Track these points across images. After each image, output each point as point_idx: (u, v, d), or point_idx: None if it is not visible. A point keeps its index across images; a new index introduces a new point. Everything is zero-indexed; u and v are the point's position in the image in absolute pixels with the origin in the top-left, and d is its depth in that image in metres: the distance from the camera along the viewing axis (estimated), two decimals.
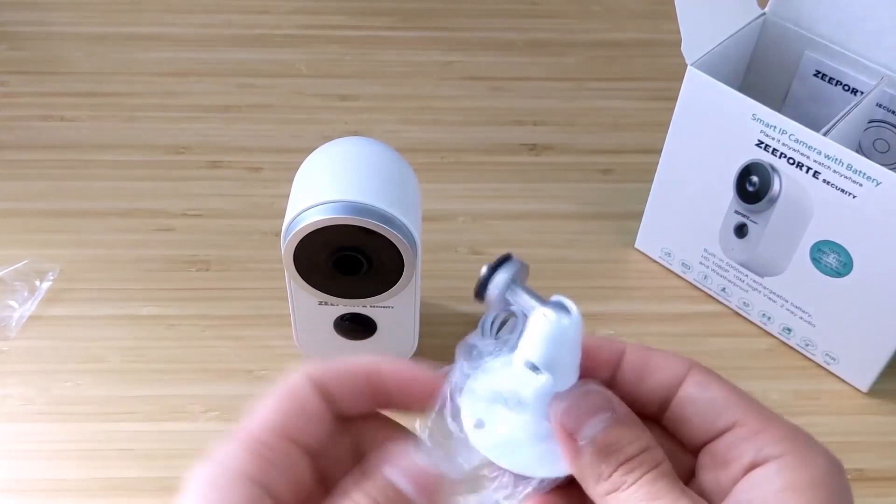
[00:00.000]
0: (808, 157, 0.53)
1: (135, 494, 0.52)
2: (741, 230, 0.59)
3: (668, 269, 0.66)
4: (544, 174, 0.73)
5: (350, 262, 0.49)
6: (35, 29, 0.84)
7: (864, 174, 0.51)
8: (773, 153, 0.54)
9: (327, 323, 0.54)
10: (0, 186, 0.69)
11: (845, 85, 0.60)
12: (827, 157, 0.52)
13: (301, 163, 0.52)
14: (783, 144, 0.54)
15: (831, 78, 0.61)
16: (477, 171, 0.73)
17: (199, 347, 0.59)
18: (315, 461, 0.29)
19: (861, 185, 0.51)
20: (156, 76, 0.79)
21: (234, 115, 0.76)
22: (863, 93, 0.59)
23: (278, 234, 0.49)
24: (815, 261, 0.56)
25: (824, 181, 0.53)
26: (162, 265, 0.64)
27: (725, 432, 0.28)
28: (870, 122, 0.60)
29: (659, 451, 0.27)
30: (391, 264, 0.49)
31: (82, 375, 0.58)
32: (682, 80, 0.57)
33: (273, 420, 0.28)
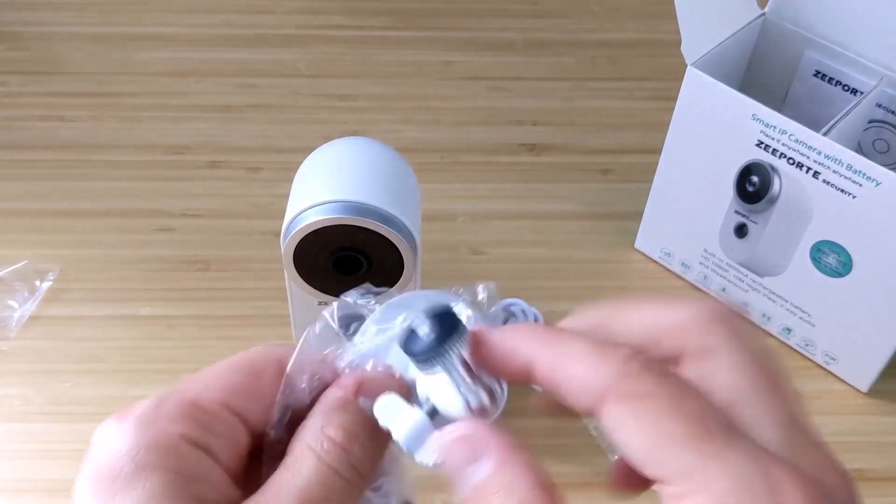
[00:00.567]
0: (808, 157, 0.53)
1: None
2: (741, 230, 0.59)
3: (668, 270, 0.66)
4: (544, 174, 0.73)
5: (350, 262, 0.49)
6: (35, 29, 0.84)
7: (864, 174, 0.51)
8: (773, 153, 0.54)
9: None
10: (0, 186, 0.69)
11: (845, 85, 0.60)
12: (827, 157, 0.52)
13: (301, 163, 0.52)
14: (783, 144, 0.54)
15: (831, 78, 0.61)
16: (477, 171, 0.73)
17: (199, 347, 0.59)
18: (257, 439, 0.28)
19: (861, 185, 0.51)
20: (156, 76, 0.79)
21: (233, 115, 0.76)
22: (863, 93, 0.59)
23: (278, 234, 0.49)
24: (815, 261, 0.56)
25: (824, 181, 0.53)
26: (162, 265, 0.64)
27: (655, 482, 0.23)
28: (870, 122, 0.60)
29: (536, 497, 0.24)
30: (391, 264, 0.49)
31: (82, 375, 0.58)
32: (682, 80, 0.57)
33: (219, 390, 0.27)
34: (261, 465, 0.28)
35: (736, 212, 0.59)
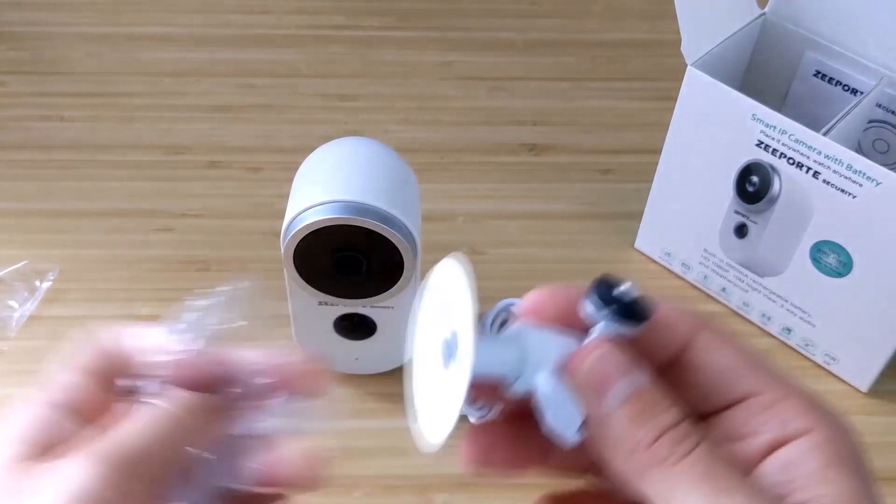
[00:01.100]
0: (808, 157, 0.53)
1: None
2: (741, 230, 0.59)
3: (668, 270, 0.66)
4: (544, 174, 0.73)
5: (350, 262, 0.49)
6: (35, 29, 0.84)
7: (864, 174, 0.51)
8: (773, 153, 0.54)
9: (327, 323, 0.54)
10: (0, 186, 0.69)
11: (845, 85, 0.60)
12: (827, 157, 0.52)
13: (301, 163, 0.52)
14: (783, 144, 0.54)
15: (831, 78, 0.61)
16: (477, 171, 0.73)
17: None
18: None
19: (861, 185, 0.51)
20: (156, 76, 0.79)
21: (233, 115, 0.76)
22: (863, 93, 0.59)
23: (278, 234, 0.49)
24: (815, 261, 0.56)
25: (824, 181, 0.53)
26: (162, 265, 0.64)
27: (737, 403, 0.26)
28: (870, 122, 0.60)
29: (695, 423, 0.24)
30: (391, 264, 0.49)
31: None
32: (682, 80, 0.57)
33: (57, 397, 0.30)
34: None
35: (736, 212, 0.59)
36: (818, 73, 0.61)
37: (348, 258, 0.49)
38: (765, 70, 0.64)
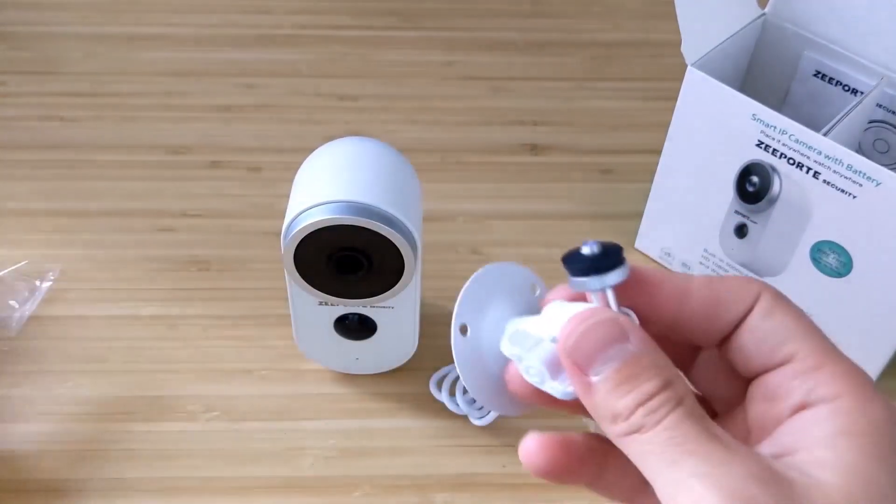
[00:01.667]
0: (808, 158, 0.53)
1: (135, 494, 0.52)
2: (741, 230, 0.59)
3: (668, 270, 0.66)
4: (544, 174, 0.73)
5: (350, 262, 0.49)
6: (35, 29, 0.84)
7: (864, 174, 0.51)
8: (773, 153, 0.54)
9: (327, 323, 0.54)
10: (0, 186, 0.69)
11: (845, 85, 0.60)
12: (827, 157, 0.52)
13: (301, 163, 0.52)
14: (783, 144, 0.54)
15: (831, 78, 0.61)
16: (477, 171, 0.73)
17: (200, 347, 0.59)
18: None
19: (861, 185, 0.51)
20: (156, 76, 0.79)
21: (234, 115, 0.76)
22: (863, 93, 0.59)
23: (278, 234, 0.49)
24: (815, 261, 0.56)
25: (824, 181, 0.53)
26: (162, 265, 0.64)
27: (781, 366, 0.26)
28: (870, 122, 0.60)
29: (682, 385, 0.25)
30: (391, 264, 0.49)
31: (83, 375, 0.58)
32: (682, 80, 0.57)
33: None
34: None
35: (736, 212, 0.59)
36: (818, 73, 0.61)
37: (348, 258, 0.49)
38: (765, 70, 0.64)
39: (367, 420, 0.56)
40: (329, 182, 0.49)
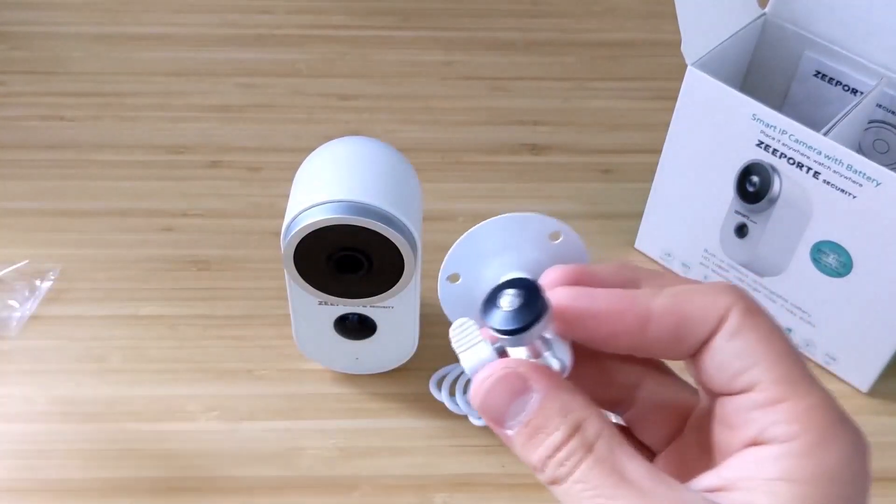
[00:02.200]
0: (808, 158, 0.53)
1: (135, 494, 0.52)
2: (741, 230, 0.59)
3: (668, 270, 0.66)
4: (544, 174, 0.73)
5: (350, 262, 0.49)
6: (35, 29, 0.84)
7: (864, 174, 0.51)
8: (773, 153, 0.54)
9: (327, 323, 0.54)
10: (0, 186, 0.69)
11: (845, 85, 0.60)
12: (827, 157, 0.52)
13: (301, 163, 0.52)
14: (783, 144, 0.54)
15: (831, 78, 0.61)
16: (477, 171, 0.73)
17: (200, 347, 0.59)
18: None
19: (861, 185, 0.51)
20: (156, 76, 0.79)
21: (233, 115, 0.76)
22: (863, 93, 0.59)
23: (278, 234, 0.49)
24: (815, 261, 0.56)
25: (824, 181, 0.53)
26: (162, 265, 0.64)
27: (742, 393, 0.25)
28: (870, 122, 0.60)
29: (594, 426, 0.24)
30: (391, 264, 0.49)
31: (83, 375, 0.58)
32: (682, 80, 0.57)
33: None
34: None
35: (736, 212, 0.59)
36: (818, 73, 0.61)
37: (348, 258, 0.49)
38: (765, 70, 0.64)
39: (367, 420, 0.56)
40: (329, 182, 0.49)
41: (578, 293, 0.27)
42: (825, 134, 0.52)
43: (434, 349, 0.57)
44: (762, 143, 0.54)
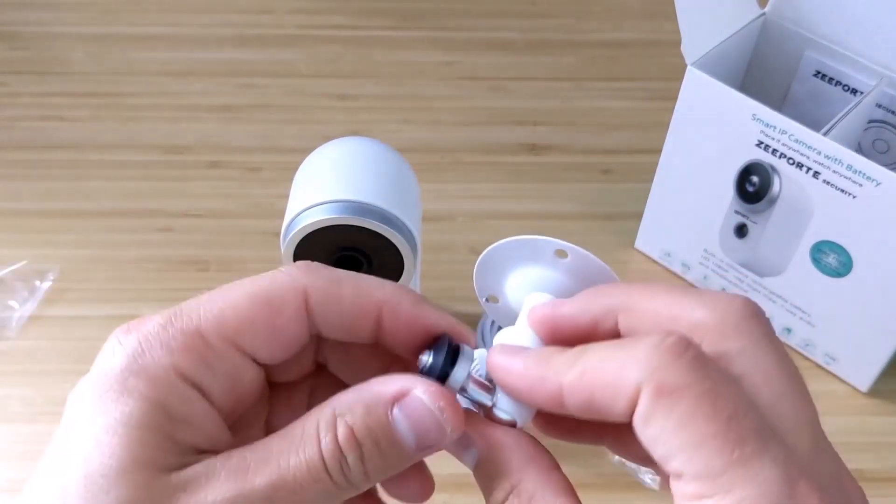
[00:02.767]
0: (808, 158, 0.53)
1: None
2: (741, 230, 0.59)
3: (668, 270, 0.66)
4: (544, 174, 0.73)
5: (350, 262, 0.49)
6: (35, 29, 0.84)
7: (864, 174, 0.51)
8: (773, 153, 0.54)
9: None
10: (0, 186, 0.69)
11: (845, 85, 0.60)
12: (827, 157, 0.52)
13: (301, 163, 0.52)
14: (783, 144, 0.54)
15: (831, 78, 0.61)
16: (477, 171, 0.73)
17: None
18: (270, 372, 0.28)
19: (861, 185, 0.51)
20: (156, 76, 0.79)
21: (233, 115, 0.76)
22: (863, 93, 0.59)
23: (278, 234, 0.49)
24: (815, 261, 0.56)
25: (824, 181, 0.53)
26: (162, 265, 0.64)
27: (672, 476, 0.23)
28: (870, 122, 0.60)
29: (529, 483, 0.25)
30: (391, 264, 0.49)
31: (82, 376, 0.57)
32: (682, 80, 0.57)
33: (231, 325, 0.26)
34: (274, 403, 0.28)
35: (736, 212, 0.59)
36: (818, 73, 0.61)
37: (348, 258, 0.49)
38: (765, 70, 0.64)
39: None
40: (328, 182, 0.49)
41: (498, 363, 0.27)
42: (825, 134, 0.52)
43: None
44: (762, 143, 0.54)
